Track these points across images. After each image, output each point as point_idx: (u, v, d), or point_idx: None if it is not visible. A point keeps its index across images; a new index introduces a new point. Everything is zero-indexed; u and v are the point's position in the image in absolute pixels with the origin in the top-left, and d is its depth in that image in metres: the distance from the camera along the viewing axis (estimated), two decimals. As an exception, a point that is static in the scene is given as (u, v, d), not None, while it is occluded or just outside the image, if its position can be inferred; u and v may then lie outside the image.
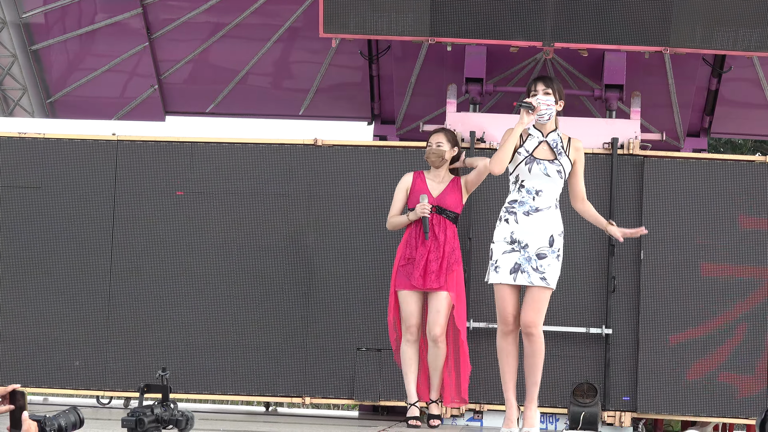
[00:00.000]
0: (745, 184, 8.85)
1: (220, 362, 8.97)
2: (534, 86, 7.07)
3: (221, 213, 9.05)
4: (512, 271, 6.97)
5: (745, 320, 8.78)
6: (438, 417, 8.20)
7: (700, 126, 11.28)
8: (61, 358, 9.03)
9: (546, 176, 7.00)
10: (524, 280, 6.96)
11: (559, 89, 7.11)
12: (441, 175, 8.32)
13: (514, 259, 6.97)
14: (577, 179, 7.14)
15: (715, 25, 9.06)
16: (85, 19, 11.27)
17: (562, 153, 7.05)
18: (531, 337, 6.99)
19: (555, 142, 7.07)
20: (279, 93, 11.56)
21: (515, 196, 7.06)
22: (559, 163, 7.02)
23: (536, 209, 6.99)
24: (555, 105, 7.06)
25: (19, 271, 9.08)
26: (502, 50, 9.57)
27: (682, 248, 8.85)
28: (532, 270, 6.95)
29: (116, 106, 11.64)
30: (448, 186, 8.27)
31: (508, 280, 6.98)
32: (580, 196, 7.17)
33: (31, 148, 9.16)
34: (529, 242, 6.96)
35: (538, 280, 6.95)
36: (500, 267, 7.00)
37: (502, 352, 7.07)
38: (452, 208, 8.24)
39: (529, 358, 7.04)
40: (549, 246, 6.98)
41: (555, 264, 6.99)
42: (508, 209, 7.06)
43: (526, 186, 7.02)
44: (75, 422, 4.13)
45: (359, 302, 8.93)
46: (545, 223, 6.99)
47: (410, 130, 10.92)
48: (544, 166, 7.00)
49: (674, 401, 8.78)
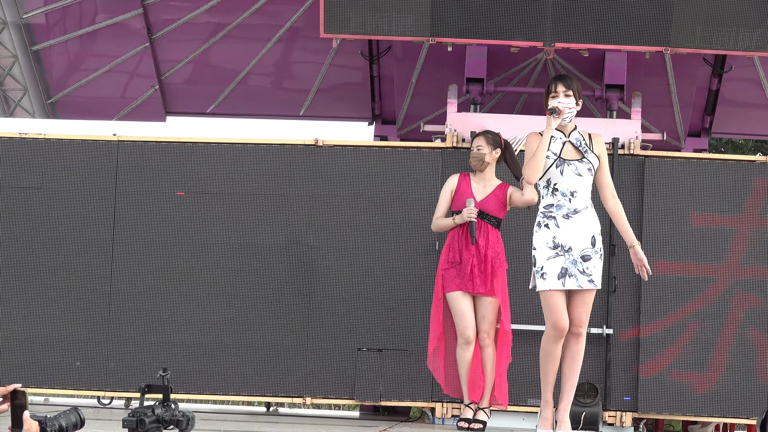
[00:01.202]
0: (746, 184, 8.85)
1: (221, 363, 8.97)
2: (555, 87, 7.00)
3: (222, 213, 9.04)
4: (560, 276, 6.89)
5: (746, 320, 8.77)
6: (483, 422, 8.15)
7: (700, 126, 11.29)
8: (62, 358, 9.03)
9: (578, 176, 6.95)
10: (573, 284, 6.89)
11: (578, 89, 7.06)
12: (486, 178, 8.29)
13: (560, 264, 6.89)
14: (603, 174, 7.05)
15: (715, 25, 9.06)
16: (85, 20, 11.27)
17: (588, 150, 7.00)
18: (579, 338, 6.98)
19: (578, 141, 7.02)
20: (280, 93, 11.56)
21: (550, 200, 6.97)
22: (588, 161, 6.97)
23: (575, 211, 6.93)
24: (576, 106, 7.03)
25: (19, 272, 9.07)
26: (503, 50, 9.57)
27: (682, 248, 8.84)
28: (579, 273, 6.89)
29: (117, 106, 11.64)
30: (494, 191, 8.24)
31: (557, 285, 6.88)
32: (610, 190, 7.06)
33: (31, 149, 9.16)
34: (573, 245, 6.90)
35: (587, 282, 6.91)
36: (547, 273, 6.90)
37: (549, 356, 6.95)
38: (494, 213, 8.20)
39: (573, 360, 7.00)
40: (592, 246, 6.94)
41: (599, 264, 6.97)
42: (545, 214, 6.97)
43: (560, 189, 6.95)
44: (76, 422, 4.13)
45: (360, 302, 8.93)
46: (585, 224, 6.95)
47: (411, 130, 10.92)
48: (574, 166, 6.95)
49: (675, 401, 8.78)
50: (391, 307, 8.89)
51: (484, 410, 8.17)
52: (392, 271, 8.90)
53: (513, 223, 8.75)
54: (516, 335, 8.62)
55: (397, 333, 8.89)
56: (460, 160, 8.88)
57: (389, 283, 8.89)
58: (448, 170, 8.78)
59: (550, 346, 6.96)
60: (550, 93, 7.01)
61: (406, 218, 8.93)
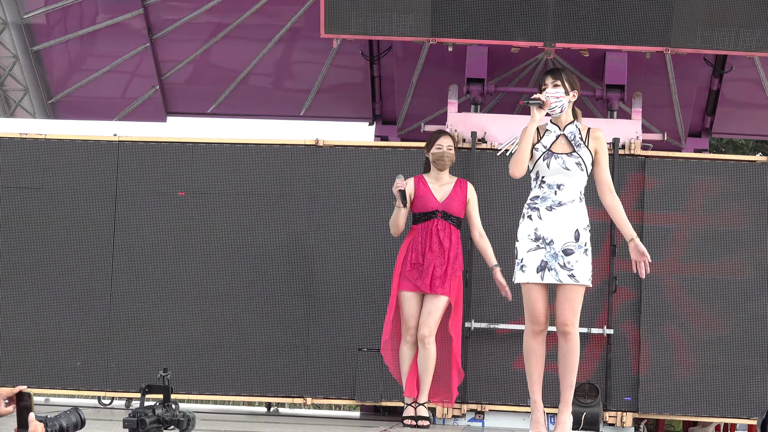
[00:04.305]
0: (746, 184, 8.85)
1: (222, 363, 8.97)
2: (543, 80, 6.89)
3: (222, 213, 9.05)
4: (539, 269, 6.75)
5: (748, 320, 8.78)
6: (427, 418, 8.16)
7: (701, 126, 11.29)
8: (63, 358, 9.03)
9: (565, 170, 6.79)
10: (552, 278, 6.74)
11: (570, 80, 6.89)
12: (444, 177, 8.30)
13: (540, 257, 6.75)
14: (600, 168, 6.87)
15: (716, 25, 9.06)
16: (86, 20, 11.27)
17: (581, 144, 6.83)
18: (567, 336, 6.78)
19: (573, 134, 6.86)
20: (280, 93, 11.57)
21: (537, 192, 6.85)
22: (578, 155, 6.80)
23: (559, 203, 6.77)
24: (566, 96, 6.85)
25: (20, 272, 9.08)
26: (504, 51, 9.57)
27: (682, 248, 8.85)
28: (559, 267, 6.74)
29: (117, 106, 11.64)
30: (453, 190, 8.24)
31: (536, 278, 6.75)
32: (606, 185, 6.87)
33: (32, 149, 9.17)
34: (554, 238, 6.74)
35: (567, 277, 6.74)
36: (526, 266, 6.78)
37: (531, 353, 6.84)
38: (457, 213, 8.21)
39: (564, 359, 6.83)
40: (575, 241, 6.75)
41: (583, 259, 6.77)
42: (530, 206, 6.84)
43: (546, 181, 6.81)
44: (76, 423, 4.13)
45: (360, 302, 8.93)
46: (569, 218, 6.77)
47: (411, 130, 10.92)
48: (562, 160, 6.79)
49: (676, 401, 8.78)
50: (391, 308, 8.89)
51: (424, 405, 8.16)
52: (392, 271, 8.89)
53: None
54: (516, 335, 8.62)
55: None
56: (461, 161, 8.88)
57: (390, 283, 8.88)
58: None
59: (530, 341, 6.84)
60: (541, 87, 6.89)
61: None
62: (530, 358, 6.85)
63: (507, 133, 8.86)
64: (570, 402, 6.91)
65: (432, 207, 8.19)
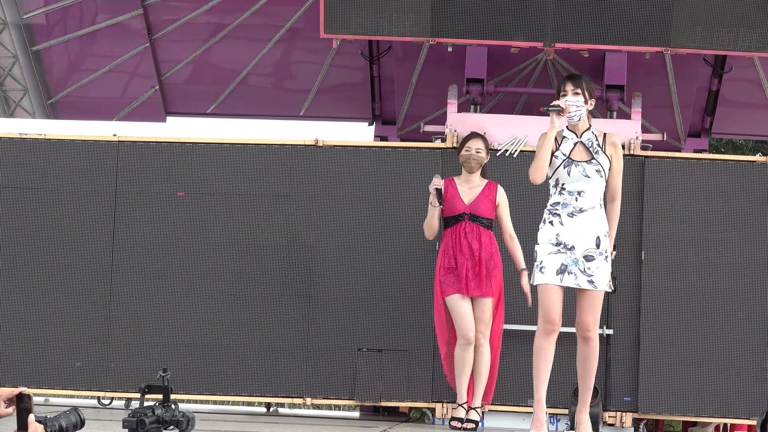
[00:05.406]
0: (746, 184, 8.85)
1: (221, 363, 8.97)
2: (563, 86, 6.93)
3: (222, 214, 9.04)
4: (559, 272, 6.83)
5: (748, 320, 8.78)
6: (475, 422, 8.14)
7: (701, 126, 11.28)
8: (62, 358, 9.03)
9: (585, 177, 6.88)
10: (571, 281, 6.84)
11: (589, 88, 6.96)
12: (473, 180, 8.30)
13: (561, 260, 6.84)
14: (611, 175, 7.00)
15: (715, 25, 9.06)
16: (86, 20, 11.27)
17: (599, 151, 6.91)
18: (589, 341, 6.92)
19: (590, 141, 6.93)
20: (280, 94, 11.56)
21: (557, 198, 6.93)
22: (597, 162, 6.89)
23: (580, 210, 6.86)
24: (585, 105, 6.92)
25: (19, 272, 9.07)
26: (503, 51, 9.57)
27: (682, 249, 8.85)
28: (579, 272, 6.83)
29: (117, 106, 11.64)
30: (482, 192, 8.25)
31: (555, 280, 6.83)
32: (611, 193, 7.02)
33: (32, 149, 9.16)
34: (576, 244, 6.84)
35: (585, 282, 6.84)
36: (546, 268, 6.86)
37: (541, 352, 6.90)
38: (486, 214, 8.21)
39: (585, 362, 6.96)
40: (596, 247, 6.85)
41: (603, 266, 6.87)
42: (551, 211, 6.92)
43: (567, 188, 6.90)
44: (76, 423, 4.13)
45: (360, 303, 8.93)
46: (590, 224, 6.86)
47: (411, 130, 10.92)
48: (582, 167, 6.87)
49: (675, 401, 8.78)
50: (391, 308, 8.89)
51: (476, 410, 8.17)
52: (392, 271, 8.90)
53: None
54: (516, 335, 8.62)
55: (397, 333, 8.88)
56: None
57: (389, 283, 8.89)
58: (448, 171, 8.78)
59: (541, 341, 6.91)
60: (560, 93, 6.95)
61: (406, 218, 8.93)
62: (540, 356, 6.93)
63: (507, 134, 8.85)
64: (588, 403, 7.01)
65: (459, 210, 8.20)
